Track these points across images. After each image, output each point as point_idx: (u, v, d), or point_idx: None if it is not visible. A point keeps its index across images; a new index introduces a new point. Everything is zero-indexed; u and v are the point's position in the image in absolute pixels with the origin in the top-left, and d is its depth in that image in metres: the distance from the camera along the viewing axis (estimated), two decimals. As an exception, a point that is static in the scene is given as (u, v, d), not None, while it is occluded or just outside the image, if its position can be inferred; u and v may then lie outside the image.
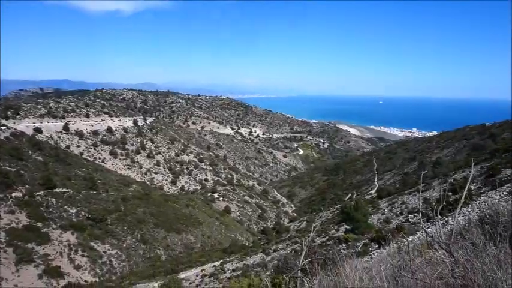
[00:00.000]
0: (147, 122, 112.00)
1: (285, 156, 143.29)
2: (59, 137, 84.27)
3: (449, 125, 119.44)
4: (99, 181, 58.01)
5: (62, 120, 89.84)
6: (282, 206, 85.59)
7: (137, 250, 44.66)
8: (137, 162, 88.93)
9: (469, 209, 16.58)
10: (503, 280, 1.59)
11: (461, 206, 18.32)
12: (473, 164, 4.56)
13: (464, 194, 3.55)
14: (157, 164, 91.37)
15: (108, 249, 41.58)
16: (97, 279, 36.18)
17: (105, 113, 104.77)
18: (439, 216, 3.35)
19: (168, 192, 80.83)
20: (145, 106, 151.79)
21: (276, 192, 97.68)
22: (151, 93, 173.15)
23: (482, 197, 20.20)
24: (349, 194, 65.13)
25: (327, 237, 30.39)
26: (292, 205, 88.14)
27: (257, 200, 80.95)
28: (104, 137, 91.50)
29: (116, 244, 43.15)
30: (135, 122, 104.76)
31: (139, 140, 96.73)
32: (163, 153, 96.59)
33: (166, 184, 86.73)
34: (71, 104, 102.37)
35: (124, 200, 53.14)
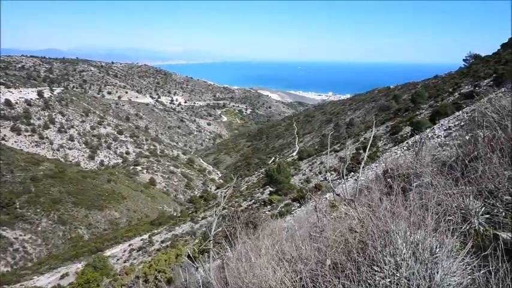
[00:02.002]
0: (55, 93, 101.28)
1: (209, 124, 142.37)
2: None
3: (362, 87, 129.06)
4: (1, 162, 51.83)
5: None
6: (209, 173, 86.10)
7: (55, 232, 41.77)
8: (47, 138, 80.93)
9: (377, 164, 18.49)
10: (396, 232, 1.80)
11: (372, 162, 20.10)
12: (374, 125, 5.01)
13: (366, 155, 3.89)
14: (71, 138, 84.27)
15: (20, 235, 38.21)
16: (9, 269, 33.29)
17: (0, 83, 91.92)
18: (345, 177, 3.65)
19: (86, 168, 75.68)
20: (51, 75, 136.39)
21: (201, 161, 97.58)
22: (57, 60, 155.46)
23: (387, 153, 22.60)
24: (273, 158, 67.78)
25: (253, 201, 31.58)
26: (219, 172, 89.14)
27: (183, 170, 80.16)
28: (2, 112, 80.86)
29: (28, 229, 39.76)
30: (40, 94, 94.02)
31: (46, 114, 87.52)
32: (76, 127, 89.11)
33: (83, 160, 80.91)
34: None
35: (34, 180, 48.57)
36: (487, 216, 2.08)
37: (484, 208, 2.08)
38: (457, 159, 2.92)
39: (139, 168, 74.05)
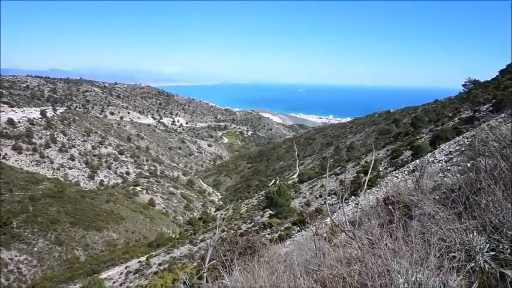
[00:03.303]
0: (58, 112, 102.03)
1: (209, 145, 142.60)
2: None
3: (362, 111, 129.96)
4: (0, 180, 51.64)
5: (-50, 112, 77.45)
6: (208, 195, 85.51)
7: (51, 253, 41.09)
8: (47, 157, 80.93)
9: (378, 189, 18.31)
10: (398, 271, 1.72)
11: (372, 186, 19.88)
12: (374, 151, 4.99)
13: (366, 182, 3.84)
14: (72, 158, 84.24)
15: (16, 256, 37.59)
16: (3, 290, 32.60)
17: (4, 103, 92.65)
18: (345, 202, 3.58)
19: (86, 188, 75.27)
20: (55, 95, 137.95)
21: (201, 182, 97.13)
22: (61, 80, 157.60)
23: (388, 177, 22.45)
24: (273, 180, 67.44)
25: (252, 224, 31.19)
26: (219, 194, 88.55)
27: (182, 191, 79.64)
28: (5, 130, 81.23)
29: (24, 249, 39.14)
30: (43, 113, 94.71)
31: (48, 133, 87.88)
32: (78, 147, 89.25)
33: (83, 179, 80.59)
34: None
35: (33, 199, 48.20)
36: (492, 253, 2.00)
37: (488, 244, 2.00)
38: (459, 190, 2.86)
39: (139, 188, 73.60)
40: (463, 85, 43.98)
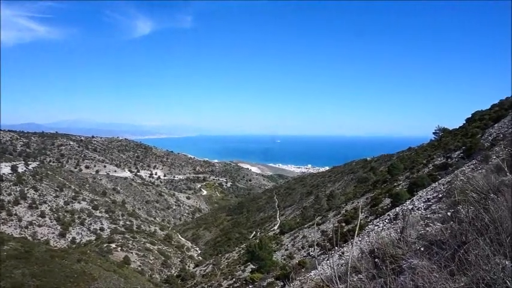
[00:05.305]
0: (30, 167, 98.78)
1: (188, 198, 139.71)
2: None
3: (339, 159, 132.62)
4: (-38, 242, 48.04)
5: None
6: (187, 250, 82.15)
7: (12, 322, 37.35)
8: (15, 214, 76.68)
9: (360, 238, 18.13)
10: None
11: (354, 235, 19.62)
12: (360, 210, 5.01)
13: (356, 234, 3.80)
14: (42, 215, 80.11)
15: (-28, 327, 33.93)
16: None
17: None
18: (331, 254, 3.50)
19: (56, 246, 70.81)
20: (28, 150, 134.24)
21: (179, 237, 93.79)
22: (36, 135, 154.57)
23: (369, 226, 22.38)
24: (254, 232, 65.94)
25: (233, 280, 29.88)
26: (198, 248, 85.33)
27: (160, 247, 76.25)
28: (-29, 188, 77.42)
29: (-17, 319, 35.51)
30: (14, 168, 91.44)
31: (18, 189, 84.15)
32: (49, 202, 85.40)
33: (53, 237, 76.10)
34: None
35: (-4, 262, 44.71)
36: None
37: (483, 303, 1.97)
38: (446, 243, 2.86)
39: (113, 245, 69.97)
40: (433, 133, 45.99)
